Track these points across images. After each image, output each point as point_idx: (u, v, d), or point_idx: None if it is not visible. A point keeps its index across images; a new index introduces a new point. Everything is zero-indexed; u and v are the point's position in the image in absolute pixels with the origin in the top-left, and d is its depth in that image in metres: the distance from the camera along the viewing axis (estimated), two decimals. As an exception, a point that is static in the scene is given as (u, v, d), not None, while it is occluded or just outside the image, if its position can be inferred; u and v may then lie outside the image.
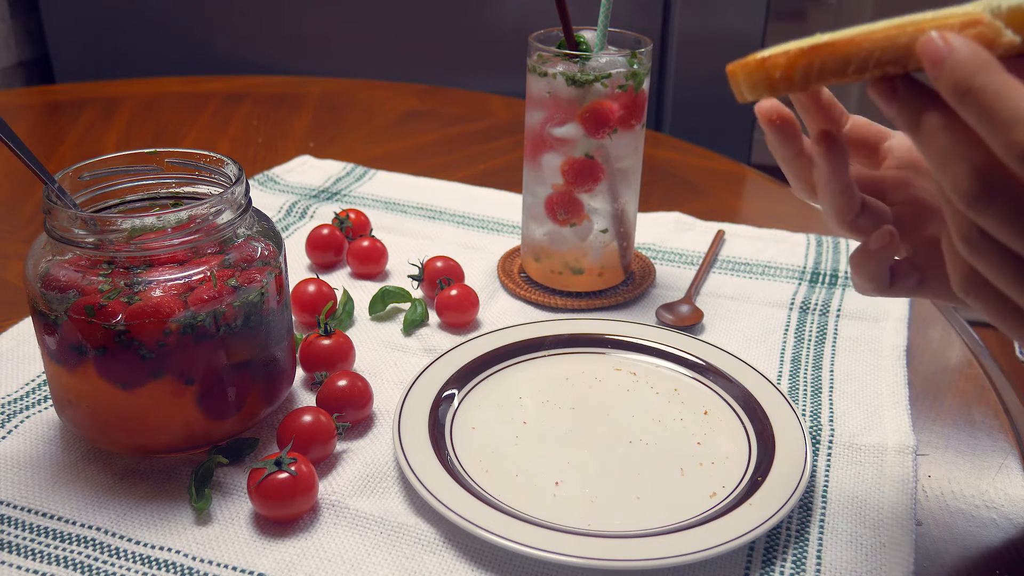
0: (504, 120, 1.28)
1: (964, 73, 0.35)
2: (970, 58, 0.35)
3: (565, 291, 0.82)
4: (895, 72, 0.40)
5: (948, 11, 0.39)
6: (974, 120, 0.36)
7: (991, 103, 0.35)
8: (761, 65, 0.43)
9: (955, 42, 0.36)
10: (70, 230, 0.55)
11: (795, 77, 0.42)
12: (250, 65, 1.64)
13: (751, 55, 0.44)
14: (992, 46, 0.37)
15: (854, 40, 0.40)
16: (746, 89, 0.44)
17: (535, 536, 0.53)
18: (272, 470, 0.56)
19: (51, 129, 1.26)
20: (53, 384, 0.60)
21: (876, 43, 0.40)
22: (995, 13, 0.38)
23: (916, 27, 0.39)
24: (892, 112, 0.39)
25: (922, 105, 0.39)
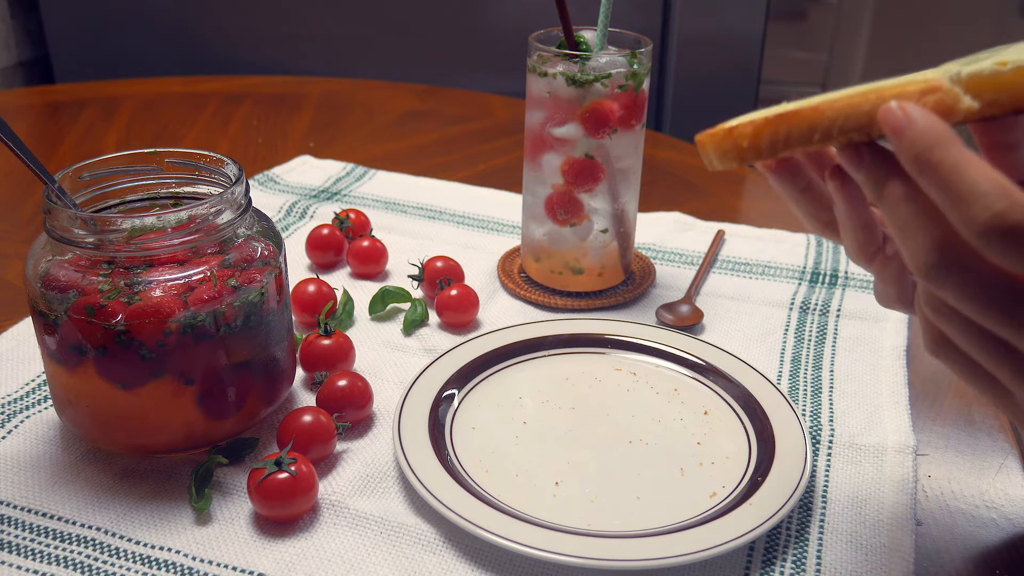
0: (504, 120, 1.28)
1: (923, 147, 0.36)
2: (928, 131, 0.36)
3: (565, 291, 0.82)
4: (860, 139, 0.40)
5: (909, 77, 0.40)
6: (933, 193, 0.36)
7: (948, 177, 0.35)
8: (729, 135, 0.43)
9: (914, 113, 0.36)
10: (70, 230, 0.55)
11: (762, 146, 0.43)
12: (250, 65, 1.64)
13: (719, 125, 0.44)
14: (951, 112, 0.38)
15: (818, 108, 0.41)
16: (715, 158, 0.45)
17: (535, 536, 0.53)
18: (272, 470, 0.56)
19: (51, 129, 1.26)
20: (53, 384, 0.60)
21: (839, 111, 0.40)
22: (954, 80, 0.39)
23: (878, 95, 0.39)
24: (859, 178, 0.39)
25: (886, 173, 0.39)
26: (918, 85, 0.38)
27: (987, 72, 0.38)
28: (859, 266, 0.48)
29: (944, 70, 0.39)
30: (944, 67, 0.41)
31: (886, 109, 0.37)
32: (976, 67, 0.39)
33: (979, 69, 0.39)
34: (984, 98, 0.38)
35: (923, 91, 0.38)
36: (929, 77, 0.39)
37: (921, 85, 0.38)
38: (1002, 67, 0.38)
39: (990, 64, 0.39)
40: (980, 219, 0.34)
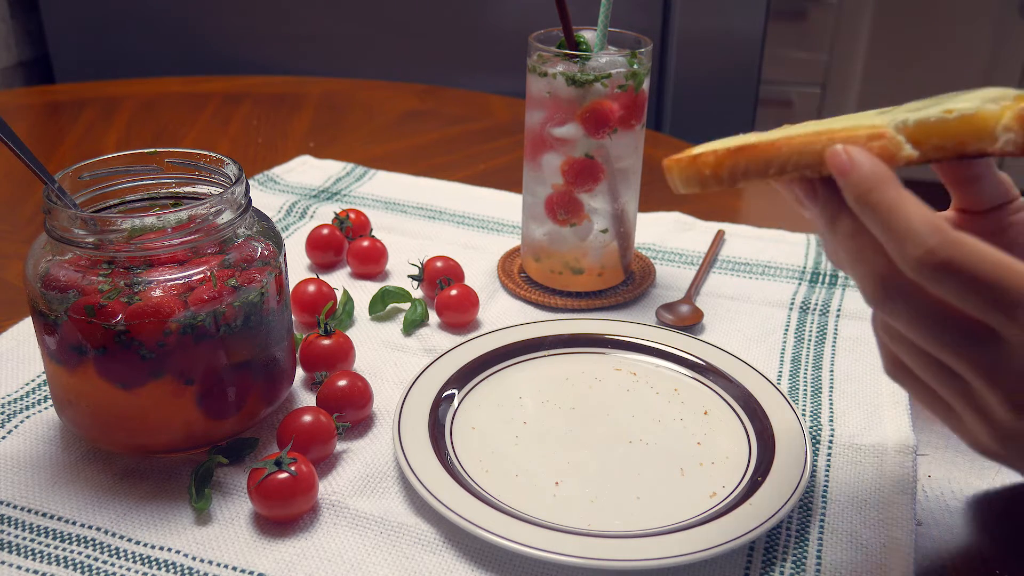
0: (504, 120, 1.28)
1: (864, 188, 0.38)
2: (870, 174, 0.39)
3: (565, 291, 0.82)
4: (812, 176, 0.43)
5: (859, 122, 0.42)
6: (874, 230, 0.38)
7: (886, 217, 0.37)
8: (693, 163, 0.46)
9: (857, 157, 0.39)
10: (70, 230, 0.55)
11: (723, 175, 0.45)
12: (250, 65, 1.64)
13: (686, 151, 0.47)
14: (894, 159, 0.40)
15: (775, 144, 0.43)
16: (680, 183, 0.48)
17: (535, 536, 0.53)
18: (272, 470, 0.56)
19: (51, 129, 1.26)
20: (53, 384, 0.60)
21: (794, 149, 0.43)
22: (899, 127, 0.41)
23: (829, 136, 0.41)
24: (814, 211, 0.41)
25: (837, 209, 0.41)
26: (865, 130, 0.41)
27: (933, 119, 0.41)
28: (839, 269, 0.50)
29: (892, 117, 0.42)
30: (896, 110, 0.44)
31: (833, 151, 0.40)
32: (923, 114, 0.41)
33: (926, 116, 0.41)
34: (929, 143, 0.41)
35: (870, 136, 0.40)
36: (876, 123, 0.41)
37: (868, 131, 0.41)
38: (947, 115, 0.41)
39: (937, 112, 0.41)
40: (914, 255, 0.36)
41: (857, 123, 0.42)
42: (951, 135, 0.41)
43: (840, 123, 0.43)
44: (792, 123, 0.52)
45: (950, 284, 0.36)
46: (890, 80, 2.40)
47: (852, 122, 0.45)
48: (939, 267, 0.36)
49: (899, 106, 0.47)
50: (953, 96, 0.45)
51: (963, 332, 0.37)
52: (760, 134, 0.45)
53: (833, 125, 0.43)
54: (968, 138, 0.41)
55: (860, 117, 0.47)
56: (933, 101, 0.45)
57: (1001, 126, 0.41)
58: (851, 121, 0.45)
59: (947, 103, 0.43)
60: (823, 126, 0.43)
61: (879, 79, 2.40)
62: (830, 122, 0.44)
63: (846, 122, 0.43)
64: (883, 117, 0.42)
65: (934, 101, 0.45)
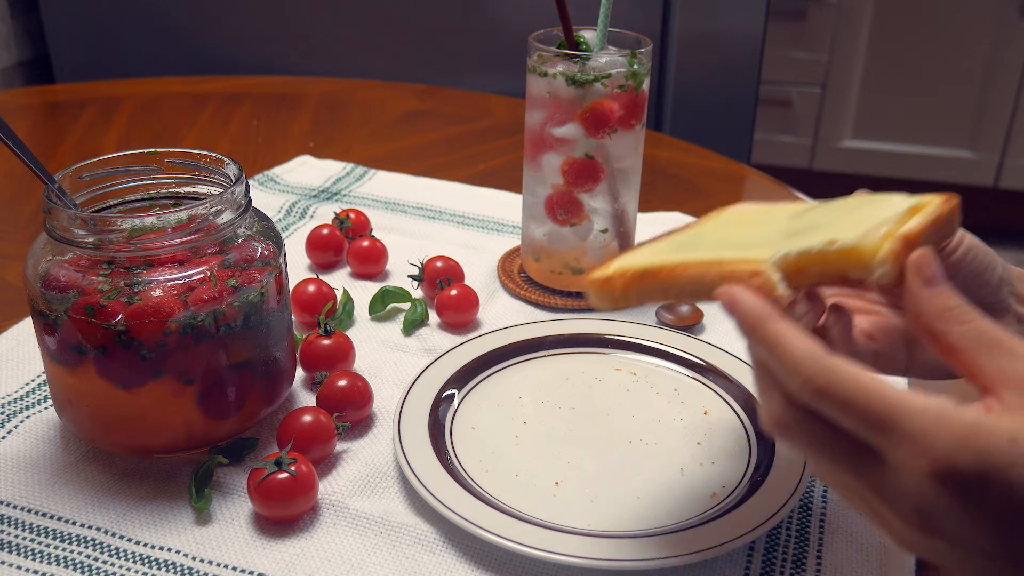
0: (504, 120, 1.28)
1: (748, 325, 0.41)
2: (751, 311, 0.41)
3: (565, 291, 0.82)
4: (707, 301, 0.45)
5: (745, 254, 0.45)
6: (765, 360, 0.41)
7: (771, 349, 0.40)
8: (605, 284, 0.50)
9: (739, 296, 0.42)
10: (70, 230, 0.55)
11: (630, 296, 0.49)
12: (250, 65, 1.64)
13: (601, 271, 0.50)
14: (772, 292, 0.43)
15: (674, 271, 0.47)
16: (595, 300, 0.51)
17: (535, 536, 0.53)
18: (272, 470, 0.56)
19: (51, 129, 1.26)
20: (53, 384, 0.60)
21: (688, 279, 0.46)
22: (779, 261, 0.44)
23: (719, 269, 0.45)
24: (734, 324, 0.43)
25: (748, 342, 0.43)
26: (748, 265, 0.44)
27: (815, 251, 0.44)
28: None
29: (776, 250, 0.44)
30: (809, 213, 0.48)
31: (719, 291, 0.43)
32: (806, 245, 0.44)
33: (809, 247, 0.44)
34: (813, 271, 0.44)
35: (751, 272, 0.43)
36: (757, 258, 0.44)
37: (751, 266, 0.43)
38: (829, 246, 0.44)
39: (820, 242, 0.44)
40: (796, 383, 0.39)
41: (741, 257, 0.45)
42: (832, 265, 0.44)
43: (727, 255, 0.46)
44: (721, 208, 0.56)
45: (829, 410, 0.38)
46: (890, 80, 2.40)
47: (753, 230, 0.49)
48: (817, 394, 0.38)
49: (818, 206, 0.50)
50: (859, 205, 0.49)
51: (852, 453, 0.39)
52: (667, 257, 0.48)
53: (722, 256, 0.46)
54: (848, 268, 0.44)
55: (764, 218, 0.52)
56: (834, 211, 0.49)
57: (878, 260, 0.43)
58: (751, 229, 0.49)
59: (844, 217, 0.47)
60: (714, 256, 0.46)
61: (879, 79, 2.40)
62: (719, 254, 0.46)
63: (733, 255, 0.45)
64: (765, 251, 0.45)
65: (836, 210, 0.49)
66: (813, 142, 2.50)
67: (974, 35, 2.31)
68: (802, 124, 2.48)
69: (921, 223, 0.44)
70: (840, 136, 2.49)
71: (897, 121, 2.45)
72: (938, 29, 2.33)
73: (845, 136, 2.49)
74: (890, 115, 2.45)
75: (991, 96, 2.36)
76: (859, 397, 0.37)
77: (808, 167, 2.53)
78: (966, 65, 2.35)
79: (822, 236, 0.44)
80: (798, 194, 1.07)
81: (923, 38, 2.34)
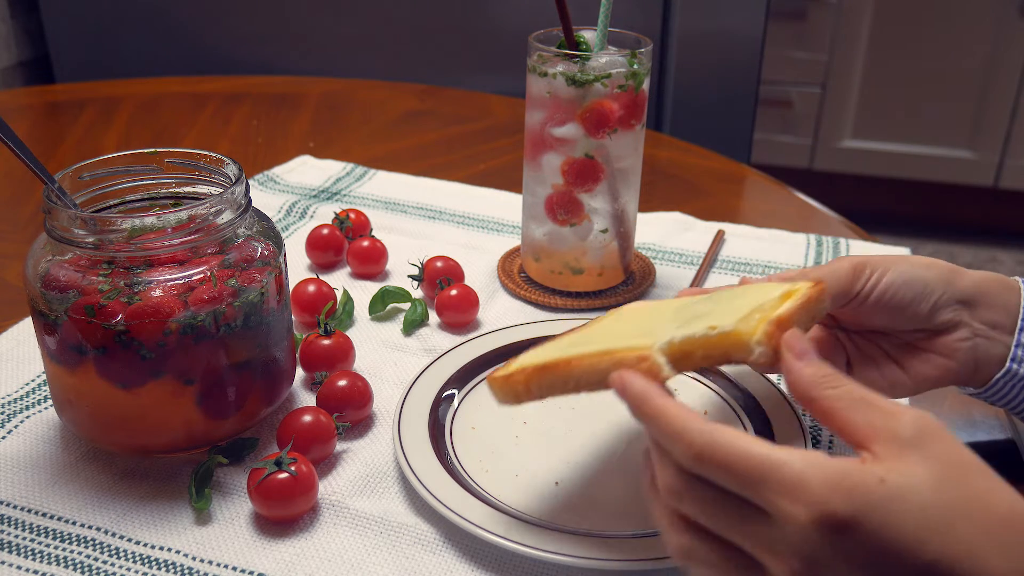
0: (504, 120, 1.28)
1: (635, 405, 0.45)
2: (639, 390, 0.44)
3: (565, 291, 0.82)
4: (603, 390, 0.48)
5: (634, 343, 0.48)
6: (655, 436, 0.44)
7: (656, 423, 0.43)
8: (507, 381, 0.52)
9: (628, 378, 0.45)
10: (70, 230, 0.55)
11: (532, 391, 0.51)
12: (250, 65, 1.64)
13: (504, 369, 0.53)
14: (658, 377, 0.46)
15: (570, 364, 0.49)
16: (499, 396, 0.53)
17: (535, 536, 0.53)
18: (272, 470, 0.56)
19: (51, 129, 1.26)
20: (53, 384, 0.60)
21: (584, 369, 0.49)
22: (665, 347, 0.47)
23: (611, 358, 0.48)
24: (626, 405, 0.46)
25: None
26: (636, 352, 0.47)
27: (698, 336, 0.48)
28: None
29: (662, 335, 0.48)
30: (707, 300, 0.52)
31: (611, 378, 0.46)
32: (690, 331, 0.48)
33: (692, 333, 0.48)
34: (698, 355, 0.48)
35: (639, 358, 0.47)
36: (644, 345, 0.47)
37: (639, 352, 0.47)
38: (711, 331, 0.48)
39: (702, 328, 0.48)
40: (680, 451, 0.42)
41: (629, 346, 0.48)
42: (715, 348, 0.48)
43: (618, 344, 0.49)
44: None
45: (713, 473, 0.41)
46: (890, 80, 2.40)
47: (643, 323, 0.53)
48: (699, 459, 0.41)
49: (704, 299, 0.55)
50: (739, 294, 0.53)
51: (740, 513, 0.41)
52: (562, 351, 0.51)
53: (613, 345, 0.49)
54: (730, 351, 0.48)
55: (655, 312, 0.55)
56: (717, 301, 0.53)
57: (754, 341, 0.47)
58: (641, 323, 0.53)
59: (725, 306, 0.51)
60: (606, 346, 0.49)
61: (879, 79, 2.40)
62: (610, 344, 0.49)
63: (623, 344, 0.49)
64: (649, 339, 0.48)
65: (719, 300, 0.53)
66: (813, 142, 2.50)
67: (974, 35, 2.31)
68: (802, 124, 2.48)
69: (791, 307, 0.49)
70: (840, 136, 2.49)
71: (897, 121, 2.45)
72: (938, 29, 2.33)
73: (845, 136, 2.49)
74: (890, 115, 2.45)
75: (991, 96, 2.36)
76: (736, 456, 0.40)
77: (808, 167, 2.53)
78: (966, 65, 2.35)
79: (705, 323, 0.49)
80: (798, 194, 1.07)
81: (923, 38, 2.35)
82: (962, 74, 2.36)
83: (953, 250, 2.55)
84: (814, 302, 0.51)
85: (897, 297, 0.57)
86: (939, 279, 0.57)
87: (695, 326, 0.49)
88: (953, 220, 2.62)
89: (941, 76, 2.38)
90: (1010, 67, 2.32)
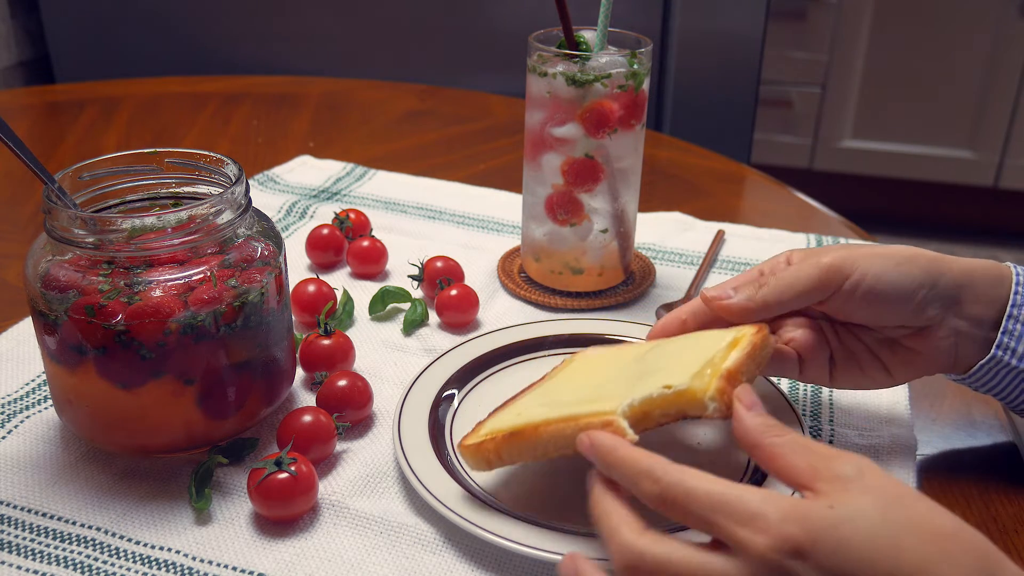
0: (504, 120, 1.28)
1: (602, 457, 0.48)
2: (605, 445, 0.48)
3: (565, 291, 0.82)
4: (570, 454, 0.52)
5: (597, 407, 0.51)
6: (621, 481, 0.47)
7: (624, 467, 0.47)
8: (478, 449, 0.55)
9: (594, 436, 0.49)
10: (70, 230, 0.55)
11: (503, 458, 0.54)
12: (250, 65, 1.64)
13: (474, 435, 0.56)
14: (624, 435, 0.50)
15: (537, 431, 0.53)
16: (471, 463, 0.56)
17: (535, 536, 0.53)
18: (272, 470, 0.56)
19: (51, 129, 1.26)
20: (53, 384, 0.60)
21: (551, 436, 0.52)
22: (626, 410, 0.50)
23: (576, 424, 0.51)
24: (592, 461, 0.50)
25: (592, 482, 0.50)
26: (600, 418, 0.50)
27: (655, 396, 0.51)
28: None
29: (621, 396, 0.51)
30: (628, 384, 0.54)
31: (578, 440, 0.50)
32: (647, 392, 0.51)
33: (649, 394, 0.51)
34: (656, 413, 0.51)
35: (603, 424, 0.50)
36: (608, 410, 0.51)
37: (602, 417, 0.50)
38: (667, 391, 0.51)
39: (658, 388, 0.51)
40: (646, 491, 0.45)
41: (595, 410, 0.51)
42: (672, 406, 0.51)
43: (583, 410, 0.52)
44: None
45: (676, 513, 0.44)
46: (890, 80, 2.40)
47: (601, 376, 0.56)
48: (664, 498, 0.45)
49: (656, 347, 0.59)
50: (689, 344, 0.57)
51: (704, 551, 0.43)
52: (530, 417, 0.54)
53: (578, 411, 0.52)
54: (686, 407, 0.51)
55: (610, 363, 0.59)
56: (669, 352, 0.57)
57: (708, 398, 0.50)
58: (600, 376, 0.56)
59: (677, 358, 0.55)
60: (572, 412, 0.52)
61: (879, 79, 2.40)
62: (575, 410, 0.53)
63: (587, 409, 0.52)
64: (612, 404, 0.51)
65: (670, 352, 0.57)
66: (813, 142, 2.50)
67: (974, 35, 2.31)
68: (802, 124, 2.48)
69: (739, 358, 0.53)
70: (840, 136, 2.49)
71: (897, 121, 2.45)
72: (938, 29, 2.33)
73: (845, 136, 2.49)
74: (890, 115, 2.45)
75: (991, 96, 2.36)
76: (699, 491, 0.43)
77: (808, 167, 2.53)
78: (966, 65, 2.35)
79: (660, 380, 0.52)
80: (798, 194, 1.07)
81: (923, 38, 2.35)
82: (962, 74, 2.36)
83: (953, 250, 2.55)
84: (759, 348, 0.55)
85: (875, 292, 0.57)
86: (922, 276, 0.57)
87: (650, 384, 0.52)
88: (953, 220, 2.62)
89: (941, 76, 2.38)
90: (1010, 67, 2.32)
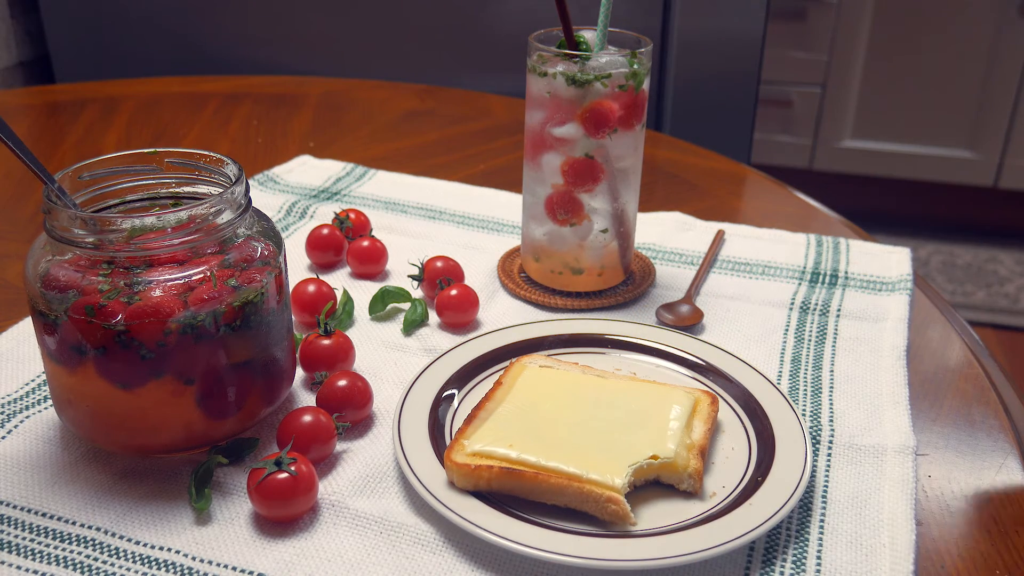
0: (504, 120, 1.28)
1: None
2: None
3: (565, 291, 0.82)
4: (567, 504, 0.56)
5: (598, 476, 0.56)
6: None
7: None
8: (474, 472, 0.56)
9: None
10: (70, 230, 0.55)
11: (494, 487, 0.57)
12: (250, 65, 1.64)
13: (460, 449, 0.58)
14: (627, 520, 0.55)
15: (537, 476, 0.56)
16: (458, 480, 0.57)
17: (535, 536, 0.53)
18: (272, 470, 0.56)
19: (51, 129, 1.26)
20: (53, 384, 0.60)
21: (551, 488, 0.56)
22: (623, 487, 0.55)
23: (579, 487, 0.55)
24: None
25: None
26: (604, 490, 0.55)
27: (645, 465, 0.58)
28: None
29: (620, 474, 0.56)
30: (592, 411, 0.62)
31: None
32: (638, 464, 0.57)
33: (639, 464, 0.57)
34: (644, 477, 0.58)
35: (607, 499, 0.55)
36: (609, 485, 0.55)
37: (606, 491, 0.55)
38: (654, 460, 0.58)
39: (645, 458, 0.58)
40: None
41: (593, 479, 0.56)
42: (654, 472, 0.58)
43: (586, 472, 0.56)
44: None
45: None
46: (890, 80, 2.40)
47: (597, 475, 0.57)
48: None
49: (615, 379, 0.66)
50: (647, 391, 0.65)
51: None
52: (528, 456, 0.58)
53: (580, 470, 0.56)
54: (665, 476, 0.59)
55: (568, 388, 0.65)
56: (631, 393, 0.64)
57: (687, 474, 0.58)
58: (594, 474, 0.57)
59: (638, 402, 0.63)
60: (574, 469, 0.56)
61: (879, 79, 2.40)
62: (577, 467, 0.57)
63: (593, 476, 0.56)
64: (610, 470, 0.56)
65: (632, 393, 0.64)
66: (813, 142, 2.50)
67: (974, 35, 2.31)
68: (802, 124, 2.48)
69: (704, 431, 0.62)
70: (840, 136, 2.49)
71: (897, 121, 2.45)
72: (938, 29, 2.33)
73: (845, 136, 2.49)
74: (890, 115, 2.45)
75: (991, 96, 2.36)
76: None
77: (808, 167, 2.53)
78: (966, 65, 2.35)
79: (642, 443, 0.59)
80: (798, 194, 1.07)
81: (923, 38, 2.34)
82: (962, 74, 2.36)
83: (953, 250, 2.56)
84: (713, 418, 0.63)
85: None
86: None
87: (635, 449, 0.58)
88: (953, 220, 2.62)
89: (941, 76, 2.38)
90: (1010, 67, 2.32)
